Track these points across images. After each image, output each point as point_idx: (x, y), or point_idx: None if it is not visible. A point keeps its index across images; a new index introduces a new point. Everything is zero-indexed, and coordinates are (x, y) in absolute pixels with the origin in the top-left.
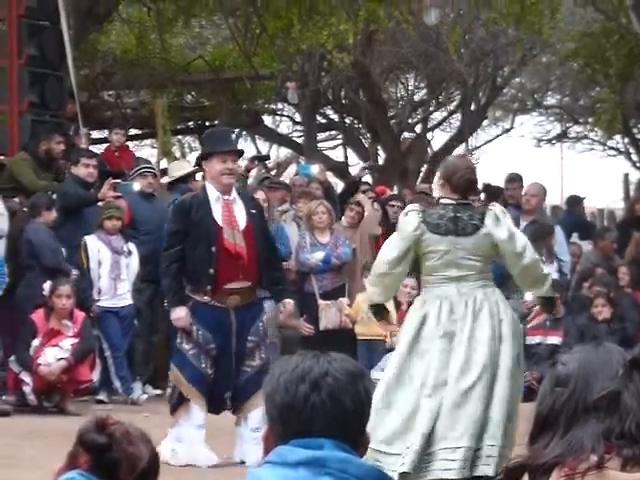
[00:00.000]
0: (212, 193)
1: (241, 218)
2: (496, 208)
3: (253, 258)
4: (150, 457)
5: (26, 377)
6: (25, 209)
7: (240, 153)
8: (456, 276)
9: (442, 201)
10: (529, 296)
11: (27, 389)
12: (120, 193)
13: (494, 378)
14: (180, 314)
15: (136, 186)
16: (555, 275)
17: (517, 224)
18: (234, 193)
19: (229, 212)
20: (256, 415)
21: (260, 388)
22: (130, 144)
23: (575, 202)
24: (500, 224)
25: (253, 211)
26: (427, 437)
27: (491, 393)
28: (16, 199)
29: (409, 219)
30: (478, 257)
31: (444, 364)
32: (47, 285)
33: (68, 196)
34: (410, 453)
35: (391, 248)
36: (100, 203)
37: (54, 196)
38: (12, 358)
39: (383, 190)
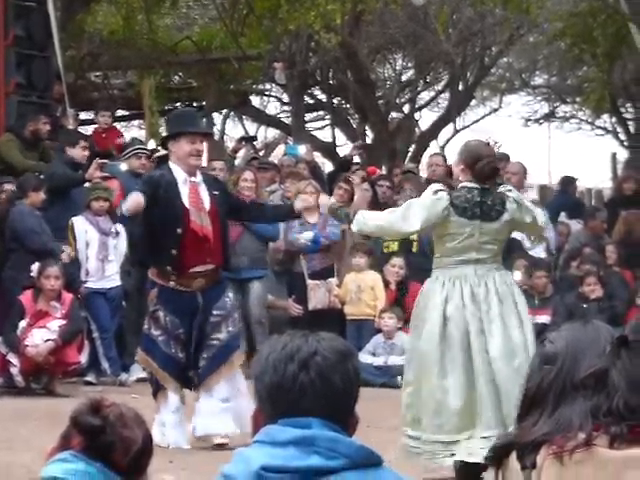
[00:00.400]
0: (179, 175)
1: (206, 200)
2: (513, 192)
3: (219, 240)
4: (144, 439)
5: (13, 359)
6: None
7: (207, 135)
8: (475, 259)
9: (466, 185)
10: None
11: (14, 370)
12: (107, 173)
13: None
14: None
15: (123, 166)
16: (542, 254)
17: None
18: (199, 175)
19: (196, 194)
20: (223, 387)
21: (226, 361)
22: (118, 125)
23: (568, 182)
24: (522, 208)
25: (216, 192)
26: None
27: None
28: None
29: (440, 199)
30: (498, 241)
31: (482, 346)
32: (35, 266)
33: (55, 177)
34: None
35: (412, 221)
36: (87, 184)
37: (41, 177)
38: None
39: (374, 170)
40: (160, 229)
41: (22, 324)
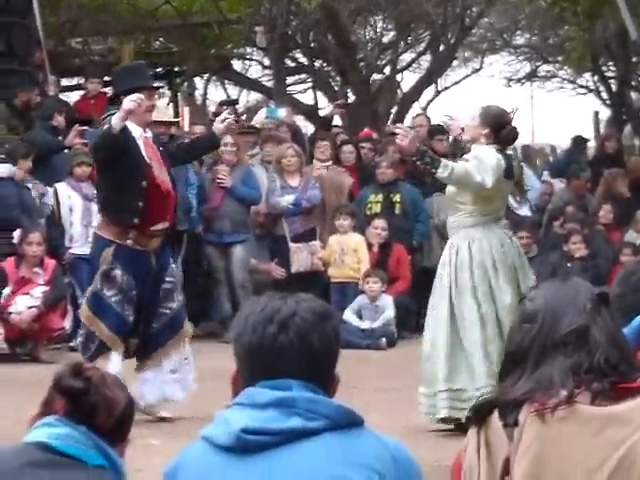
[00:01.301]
0: (134, 129)
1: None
2: (514, 154)
3: (174, 198)
4: (127, 402)
5: None
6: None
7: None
8: (502, 215)
9: (497, 147)
10: None
11: None
12: (87, 140)
13: None
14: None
15: None
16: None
17: None
18: (149, 131)
19: (152, 149)
20: (173, 359)
21: (178, 333)
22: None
23: (581, 142)
24: (521, 170)
25: (161, 148)
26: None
27: None
28: None
29: (500, 160)
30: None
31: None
32: (17, 233)
33: (36, 143)
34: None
35: (486, 178)
36: (67, 151)
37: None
38: None
39: (369, 133)
40: (127, 182)
41: (5, 291)
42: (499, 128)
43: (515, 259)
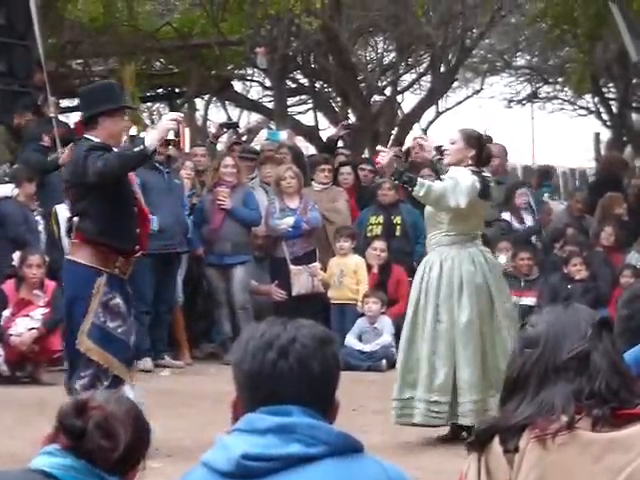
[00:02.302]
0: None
1: None
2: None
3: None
4: (133, 437)
5: None
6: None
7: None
8: (476, 235)
9: (474, 169)
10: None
11: None
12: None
13: None
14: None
15: None
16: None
17: None
18: None
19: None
20: None
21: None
22: None
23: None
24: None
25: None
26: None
27: None
28: None
29: (476, 181)
30: None
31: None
32: (16, 255)
33: (31, 164)
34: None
35: (460, 198)
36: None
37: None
38: None
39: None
40: (124, 207)
41: (5, 313)
42: (481, 150)
43: (488, 277)
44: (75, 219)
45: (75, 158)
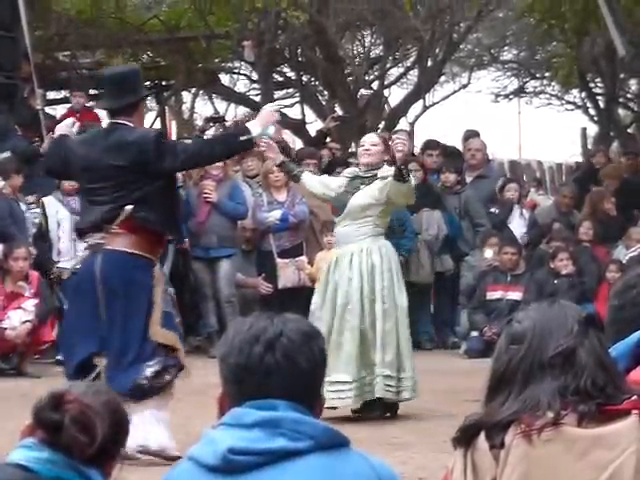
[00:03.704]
0: None
1: None
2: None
3: None
4: (107, 433)
5: None
6: None
7: None
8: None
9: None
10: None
11: None
12: None
13: None
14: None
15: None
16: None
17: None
18: None
19: None
20: None
21: None
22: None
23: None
24: None
25: None
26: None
27: None
28: None
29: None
30: None
31: None
32: None
33: (18, 152)
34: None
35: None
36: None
37: (2, 155)
38: None
39: None
40: (176, 196)
41: None
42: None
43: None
44: (128, 207)
45: (138, 142)
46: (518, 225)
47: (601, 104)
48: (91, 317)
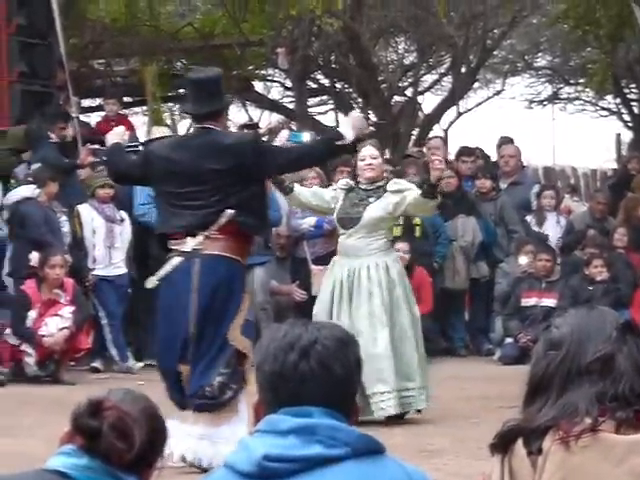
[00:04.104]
0: None
1: None
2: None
3: None
4: (144, 441)
5: (28, 349)
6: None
7: None
8: None
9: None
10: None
11: (30, 360)
12: (99, 159)
13: None
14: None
15: None
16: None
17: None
18: None
19: None
20: None
21: None
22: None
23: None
24: None
25: None
26: None
27: None
28: None
29: None
30: None
31: None
32: (34, 256)
33: (48, 161)
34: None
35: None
36: (83, 173)
37: (34, 166)
38: (7, 331)
39: None
40: (264, 193)
41: (32, 314)
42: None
43: None
44: (230, 211)
45: (236, 146)
46: (554, 232)
47: (636, 110)
48: (181, 323)
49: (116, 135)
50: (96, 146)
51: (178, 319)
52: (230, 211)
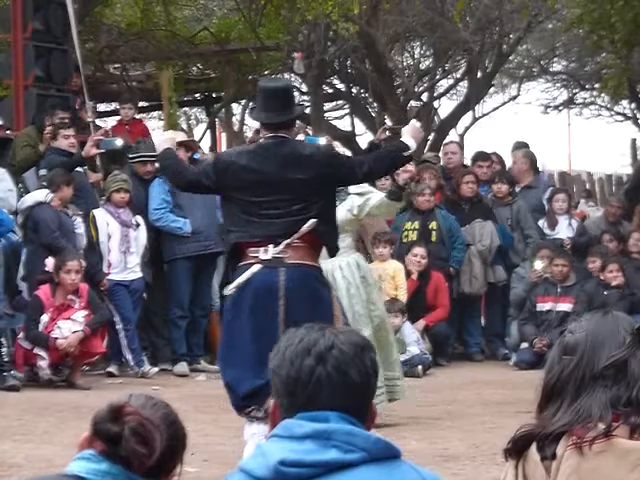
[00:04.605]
0: None
1: None
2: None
3: None
4: (165, 447)
5: (41, 352)
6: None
7: None
8: None
9: None
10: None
11: (43, 363)
12: (103, 149)
13: None
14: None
15: (119, 142)
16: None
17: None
18: None
19: None
20: None
21: None
22: (138, 116)
23: None
24: None
25: None
26: None
27: None
28: None
29: None
30: None
31: None
32: (49, 261)
33: (54, 164)
34: None
35: None
36: (92, 177)
37: (42, 172)
38: (21, 335)
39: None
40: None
41: (44, 318)
42: None
43: None
44: (313, 220)
45: (316, 156)
46: (567, 235)
47: None
48: (268, 336)
49: (166, 140)
50: (100, 137)
51: (265, 329)
52: (313, 220)
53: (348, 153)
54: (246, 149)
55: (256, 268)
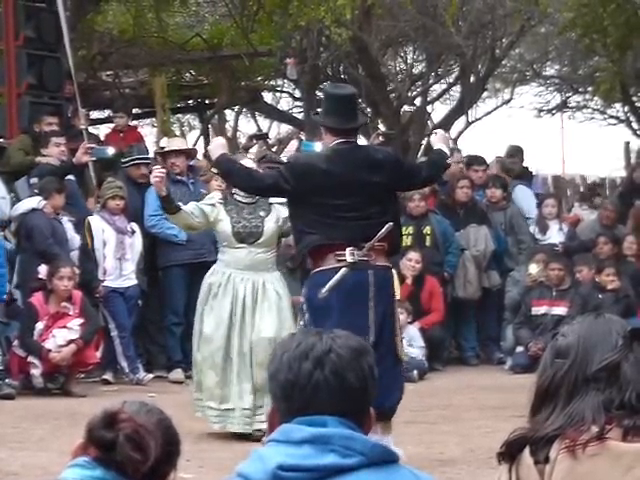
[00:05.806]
0: None
1: None
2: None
3: None
4: (160, 453)
5: (35, 360)
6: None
7: None
8: None
9: None
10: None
11: (36, 372)
12: (95, 157)
13: None
14: None
15: (110, 150)
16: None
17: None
18: None
19: None
20: None
21: None
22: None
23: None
24: None
25: None
26: None
27: None
28: None
29: None
30: None
31: None
32: (42, 268)
33: (45, 172)
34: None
35: None
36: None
37: (32, 180)
38: (15, 343)
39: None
40: None
41: (39, 326)
42: None
43: None
44: (390, 224)
45: (388, 160)
46: (558, 240)
47: None
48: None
49: (220, 146)
50: (92, 145)
51: (355, 330)
52: (391, 223)
53: None
54: (322, 154)
55: (345, 270)
